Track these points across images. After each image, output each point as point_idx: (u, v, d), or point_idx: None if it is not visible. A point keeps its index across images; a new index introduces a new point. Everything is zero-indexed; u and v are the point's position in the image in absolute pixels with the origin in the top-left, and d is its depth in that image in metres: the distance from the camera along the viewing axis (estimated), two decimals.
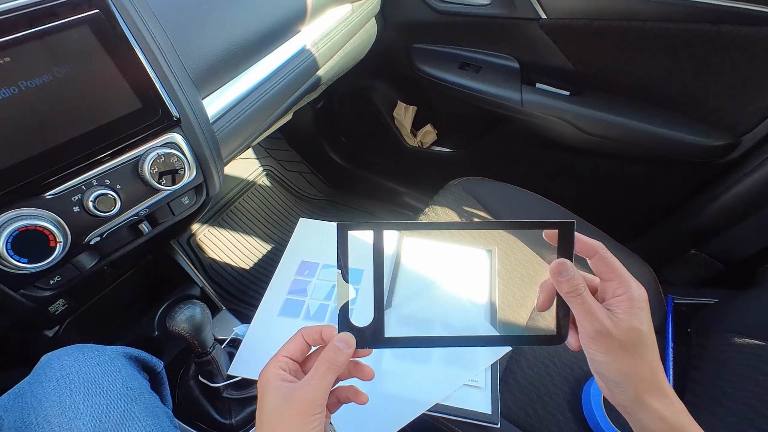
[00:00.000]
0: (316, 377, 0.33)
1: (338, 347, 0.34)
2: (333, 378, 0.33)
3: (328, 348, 0.34)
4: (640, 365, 0.35)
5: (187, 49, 0.56)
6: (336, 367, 0.34)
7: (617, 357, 0.35)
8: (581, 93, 0.93)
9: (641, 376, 0.35)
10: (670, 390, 0.37)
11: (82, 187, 0.47)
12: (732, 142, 0.83)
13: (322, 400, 0.33)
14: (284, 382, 0.34)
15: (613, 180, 1.04)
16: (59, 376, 0.42)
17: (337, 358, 0.34)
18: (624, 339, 0.35)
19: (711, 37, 0.76)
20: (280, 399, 0.32)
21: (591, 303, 0.36)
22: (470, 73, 1.01)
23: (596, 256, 0.38)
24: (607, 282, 0.38)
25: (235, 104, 0.63)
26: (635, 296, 0.36)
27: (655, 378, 0.36)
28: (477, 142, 1.19)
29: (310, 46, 0.76)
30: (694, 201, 0.94)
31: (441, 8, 0.98)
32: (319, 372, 0.33)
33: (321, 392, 0.33)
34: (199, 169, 0.56)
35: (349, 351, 0.34)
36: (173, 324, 0.55)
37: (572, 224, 0.36)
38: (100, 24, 0.46)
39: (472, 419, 0.61)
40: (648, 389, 0.35)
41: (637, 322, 0.35)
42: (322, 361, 0.34)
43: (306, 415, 0.32)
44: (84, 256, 0.52)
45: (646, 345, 0.36)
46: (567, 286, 0.36)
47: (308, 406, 0.32)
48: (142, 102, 0.49)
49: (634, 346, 0.35)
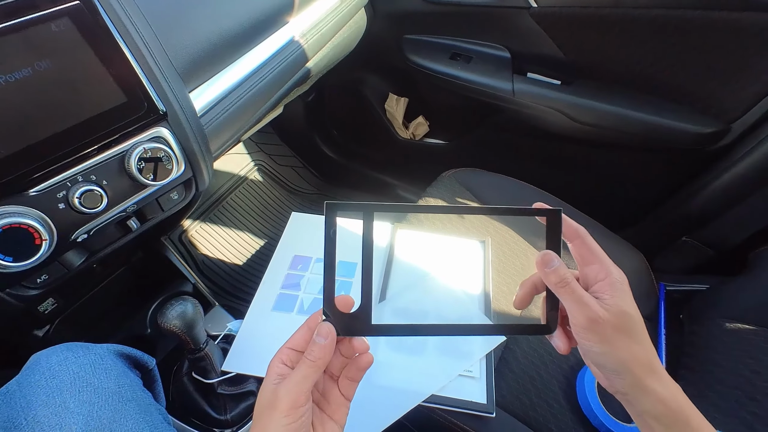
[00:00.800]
0: (298, 376, 0.33)
1: (316, 343, 0.34)
2: (310, 374, 0.33)
3: (309, 344, 0.34)
4: (636, 349, 0.35)
5: (173, 41, 0.55)
6: (313, 362, 0.33)
7: (613, 344, 0.35)
8: (572, 82, 0.93)
9: (639, 360, 0.35)
10: (665, 372, 0.37)
11: (68, 184, 0.46)
12: (722, 128, 0.83)
13: (305, 398, 0.33)
14: (279, 375, 0.34)
15: (605, 169, 1.04)
16: (48, 375, 0.42)
17: (312, 354, 0.33)
18: (616, 323, 0.35)
19: (700, 23, 0.76)
20: (270, 393, 0.33)
21: (580, 292, 0.36)
22: (461, 64, 1.00)
23: (578, 240, 0.38)
24: (587, 267, 0.38)
25: (223, 97, 0.62)
26: (616, 279, 0.36)
27: (651, 361, 0.36)
28: (469, 133, 1.18)
29: (298, 38, 0.75)
30: (685, 188, 0.94)
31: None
32: (301, 369, 0.33)
33: (303, 391, 0.32)
34: (187, 164, 0.55)
35: (328, 342, 0.34)
36: (165, 321, 0.54)
37: (559, 211, 0.36)
38: (82, 16, 0.45)
39: (467, 409, 0.61)
40: (647, 373, 0.35)
41: (624, 304, 0.36)
42: (304, 359, 0.33)
43: (289, 411, 0.32)
44: (71, 254, 0.51)
45: (637, 327, 0.36)
46: (554, 277, 0.36)
47: (292, 404, 0.32)
48: (127, 96, 0.48)
49: (627, 330, 0.35)
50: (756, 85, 0.78)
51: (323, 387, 0.38)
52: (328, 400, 0.37)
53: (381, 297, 0.73)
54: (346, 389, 0.37)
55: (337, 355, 0.37)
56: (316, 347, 0.34)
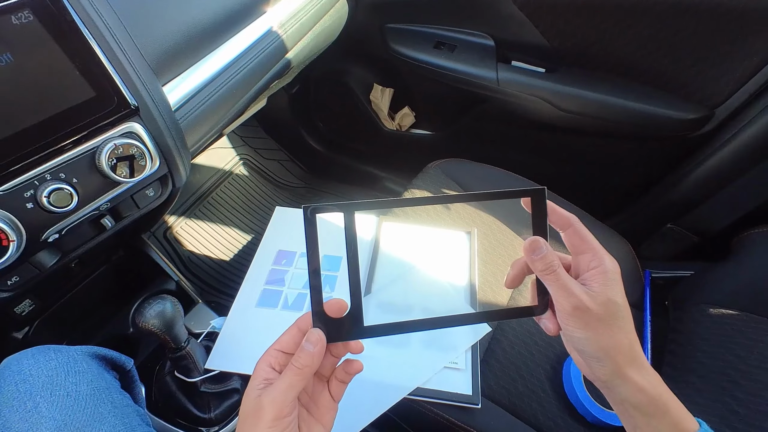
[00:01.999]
0: (283, 384, 0.32)
1: (305, 349, 0.33)
2: (300, 381, 0.32)
3: (297, 351, 0.33)
4: (619, 338, 0.35)
5: (143, 32, 0.53)
6: (302, 371, 0.32)
7: (596, 331, 0.35)
8: (556, 70, 0.92)
9: (620, 348, 0.35)
10: (646, 361, 0.37)
11: (35, 182, 0.44)
12: (705, 115, 0.83)
13: (290, 408, 0.32)
14: (265, 380, 0.33)
15: (590, 157, 1.04)
16: (18, 379, 0.40)
17: (302, 362, 0.32)
18: (602, 312, 0.35)
19: (683, 9, 0.76)
20: (254, 399, 0.32)
21: (566, 279, 0.36)
22: (445, 53, 0.99)
23: (570, 229, 0.38)
24: (580, 255, 0.38)
25: (198, 90, 0.60)
26: (609, 268, 0.36)
27: (633, 350, 0.36)
28: (455, 123, 1.18)
29: (276, 28, 0.73)
30: (670, 175, 0.95)
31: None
32: (287, 378, 0.32)
33: (288, 401, 0.32)
34: (162, 160, 0.54)
35: (317, 349, 0.33)
36: (143, 320, 0.53)
37: (543, 191, 0.36)
38: (44, 8, 0.44)
39: (453, 401, 0.61)
40: (628, 362, 0.36)
41: (613, 294, 0.36)
42: (291, 366, 0.33)
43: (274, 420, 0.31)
44: (43, 254, 0.50)
45: (623, 317, 0.36)
46: (541, 264, 0.36)
47: (277, 412, 0.31)
48: (96, 90, 0.47)
49: (612, 319, 0.35)
50: (738, 71, 0.78)
51: (312, 389, 0.37)
52: (317, 403, 0.36)
53: (366, 291, 0.72)
54: (336, 391, 0.37)
55: (327, 356, 0.36)
56: (304, 354, 0.33)
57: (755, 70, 0.76)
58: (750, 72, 0.77)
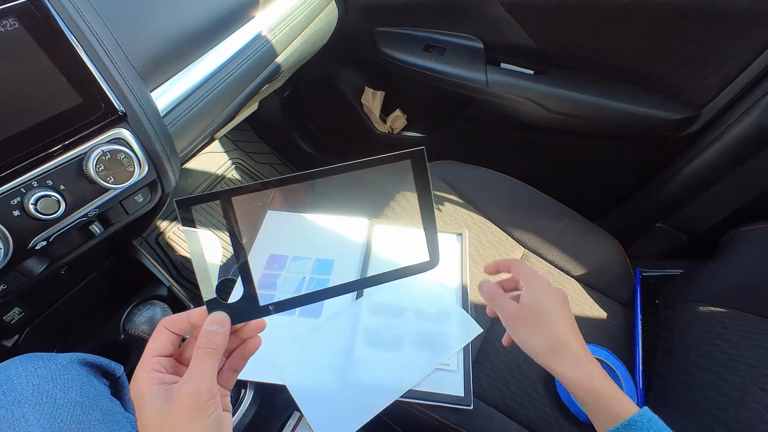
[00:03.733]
0: (195, 368, 0.31)
1: (211, 330, 0.33)
2: (214, 363, 0.32)
3: (201, 335, 0.33)
4: (540, 337, 0.47)
5: (130, 39, 0.53)
6: (214, 350, 0.32)
7: (526, 334, 0.48)
8: (545, 71, 0.93)
9: (540, 346, 0.47)
10: (579, 356, 0.45)
11: (22, 190, 0.44)
12: (691, 114, 0.84)
13: (209, 387, 0.31)
14: (162, 384, 0.31)
15: (579, 158, 1.05)
16: (6, 388, 0.40)
17: (213, 342, 0.32)
18: (525, 317, 0.48)
19: (669, 9, 0.76)
20: (160, 403, 0.30)
21: (501, 300, 0.50)
22: (435, 55, 0.99)
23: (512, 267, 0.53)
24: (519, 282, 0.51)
25: (186, 96, 0.60)
26: (534, 285, 0.49)
27: (556, 346, 0.46)
28: (446, 125, 1.18)
29: (265, 33, 0.73)
30: (658, 175, 0.95)
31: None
32: (198, 362, 0.31)
33: (206, 381, 0.31)
34: (151, 165, 0.54)
35: (224, 330, 0.33)
36: (132, 326, 0.53)
37: (422, 151, 0.36)
38: (30, 15, 0.43)
39: (445, 403, 0.61)
40: (550, 357, 0.46)
41: (536, 302, 0.48)
42: (198, 350, 0.32)
43: (195, 409, 0.30)
44: (31, 262, 0.50)
45: (547, 320, 0.47)
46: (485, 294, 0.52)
47: (195, 399, 0.30)
48: (83, 97, 0.47)
49: (533, 321, 0.47)
50: (723, 70, 0.79)
51: None
52: None
53: (359, 294, 0.73)
54: (227, 381, 0.37)
55: None
56: (212, 334, 0.32)
57: (740, 70, 0.77)
58: (735, 72, 0.78)
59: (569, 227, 0.89)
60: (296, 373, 0.62)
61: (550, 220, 0.89)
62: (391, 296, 0.73)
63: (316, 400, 0.60)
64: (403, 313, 0.71)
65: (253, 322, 0.36)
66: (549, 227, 0.88)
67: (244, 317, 0.35)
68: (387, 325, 0.69)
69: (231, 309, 0.35)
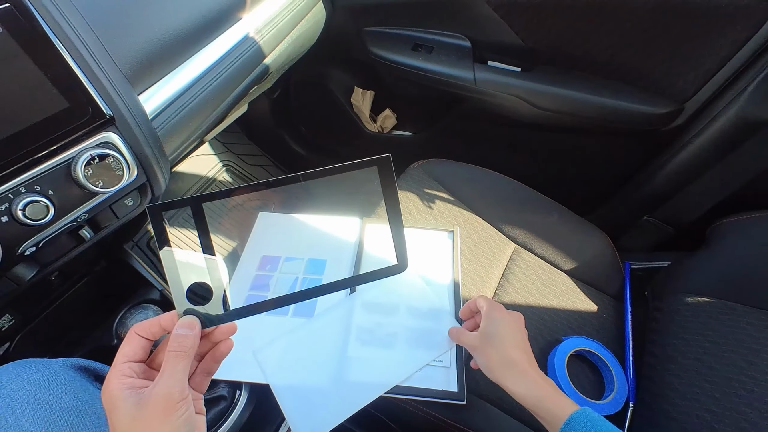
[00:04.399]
0: (166, 372, 0.32)
1: (182, 333, 0.33)
2: (185, 365, 0.32)
3: (171, 338, 0.33)
4: (488, 355, 0.55)
5: (116, 42, 0.53)
6: (184, 353, 0.32)
7: (478, 354, 0.57)
8: (532, 69, 0.94)
9: (492, 366, 0.55)
10: (531, 371, 0.53)
11: (9, 195, 0.44)
12: (675, 109, 0.85)
13: (181, 390, 0.31)
14: (133, 389, 0.32)
15: (568, 154, 1.06)
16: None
17: (183, 345, 0.33)
18: (481, 344, 0.57)
19: (652, 7, 0.78)
20: (132, 407, 0.30)
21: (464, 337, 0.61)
22: (423, 54, 1.00)
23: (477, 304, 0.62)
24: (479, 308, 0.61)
25: (175, 99, 0.60)
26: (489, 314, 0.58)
27: (504, 364, 0.54)
28: (436, 123, 1.19)
29: (253, 34, 0.73)
30: (645, 169, 0.97)
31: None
32: (169, 364, 0.32)
33: (177, 383, 0.31)
34: (140, 169, 0.54)
35: (194, 333, 0.33)
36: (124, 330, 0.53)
37: (388, 158, 0.37)
38: (14, 19, 0.43)
39: (439, 398, 0.62)
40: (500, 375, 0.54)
41: (487, 328, 0.57)
42: (168, 354, 0.32)
43: (166, 410, 0.30)
44: (20, 268, 0.49)
45: (498, 342, 0.55)
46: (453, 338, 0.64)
47: (166, 402, 0.30)
48: (69, 101, 0.46)
49: (487, 344, 0.56)
50: (705, 65, 0.80)
51: None
52: None
53: (351, 290, 0.73)
54: (200, 384, 0.37)
55: None
56: (183, 338, 0.33)
57: (721, 64, 0.79)
58: (716, 66, 0.79)
59: (559, 222, 0.91)
60: (282, 371, 0.62)
61: (540, 215, 0.90)
62: (384, 294, 0.73)
63: (298, 396, 0.60)
64: (396, 311, 0.71)
65: (224, 326, 0.37)
66: (539, 223, 0.89)
67: (215, 321, 0.35)
68: (380, 323, 0.69)
69: (202, 312, 0.35)
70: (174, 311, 0.35)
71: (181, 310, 0.35)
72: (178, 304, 0.35)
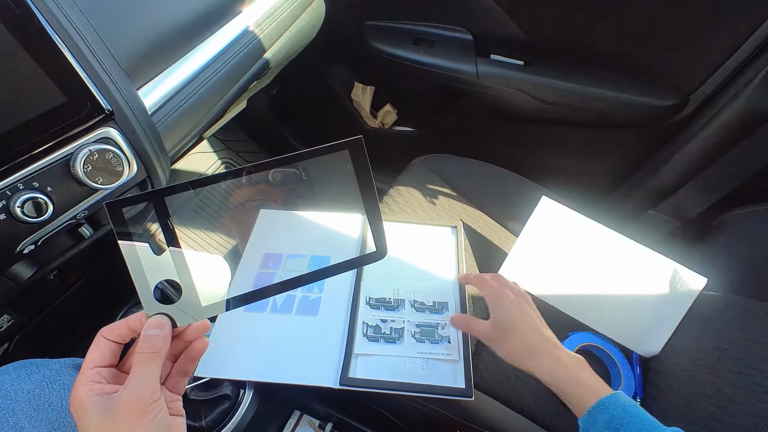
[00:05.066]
0: (135, 374, 0.30)
1: (151, 334, 0.32)
2: (156, 366, 0.31)
3: (140, 340, 0.32)
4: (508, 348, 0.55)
5: (114, 35, 0.51)
6: (154, 354, 0.31)
7: (496, 346, 0.56)
8: (535, 62, 0.93)
9: (512, 355, 0.54)
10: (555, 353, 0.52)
11: (7, 192, 0.43)
12: (681, 101, 0.85)
13: (152, 392, 0.30)
14: (102, 395, 0.30)
15: (571, 147, 1.05)
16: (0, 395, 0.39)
17: (153, 345, 0.31)
18: (494, 332, 0.57)
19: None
20: (101, 413, 0.29)
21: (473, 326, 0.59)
22: (425, 48, 0.99)
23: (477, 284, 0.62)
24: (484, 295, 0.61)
25: (175, 93, 0.59)
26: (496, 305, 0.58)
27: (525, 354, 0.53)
28: (437, 118, 1.18)
29: (253, 28, 0.72)
30: (649, 162, 0.96)
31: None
32: (138, 367, 0.31)
33: (147, 386, 0.30)
34: (140, 165, 0.53)
35: (164, 333, 0.32)
36: None
37: (360, 139, 0.36)
38: (9, 12, 0.42)
39: (447, 395, 0.61)
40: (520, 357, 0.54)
41: (502, 320, 0.56)
42: (138, 356, 0.31)
43: (137, 413, 0.29)
44: (19, 267, 0.49)
45: (513, 334, 0.55)
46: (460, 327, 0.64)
47: (137, 404, 0.29)
48: (67, 95, 0.45)
49: (503, 337, 0.55)
50: (710, 56, 0.79)
51: None
52: None
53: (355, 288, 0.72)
54: (176, 385, 0.36)
55: None
56: (152, 338, 0.31)
57: (727, 56, 0.78)
58: (722, 57, 0.79)
59: None
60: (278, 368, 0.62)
61: None
62: (388, 290, 0.72)
63: None
64: (402, 307, 0.71)
65: (196, 324, 0.35)
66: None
67: (185, 319, 0.34)
68: (386, 319, 0.68)
69: (171, 311, 0.33)
70: (142, 312, 0.33)
71: (150, 311, 0.33)
72: (146, 304, 0.33)
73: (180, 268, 0.34)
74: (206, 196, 1.32)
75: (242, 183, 1.24)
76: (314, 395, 0.70)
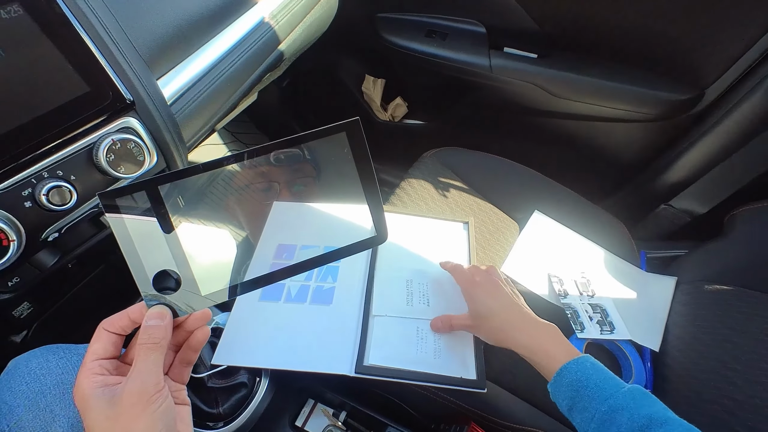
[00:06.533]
0: (138, 365, 0.31)
1: (152, 325, 0.32)
2: (158, 357, 0.31)
3: (141, 331, 0.32)
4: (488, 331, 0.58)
5: (135, 26, 0.52)
6: (156, 345, 0.31)
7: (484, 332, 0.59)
8: (549, 55, 0.92)
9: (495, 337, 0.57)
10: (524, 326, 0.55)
11: (32, 180, 0.43)
12: (696, 95, 0.84)
13: (155, 381, 0.30)
14: (106, 387, 0.30)
15: (583, 140, 1.05)
16: (29, 379, 0.40)
17: (154, 336, 0.31)
18: (475, 324, 0.60)
19: None
20: (106, 405, 0.29)
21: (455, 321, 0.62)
22: (437, 41, 0.98)
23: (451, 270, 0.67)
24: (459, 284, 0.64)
25: (192, 84, 0.59)
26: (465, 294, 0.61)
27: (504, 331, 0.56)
28: (449, 111, 1.18)
29: (268, 19, 0.72)
30: (663, 156, 0.96)
31: None
32: (141, 357, 0.31)
33: (150, 376, 0.30)
34: (160, 155, 0.53)
35: (165, 323, 0.32)
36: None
37: (357, 121, 0.36)
38: (34, 1, 0.43)
39: (459, 386, 0.61)
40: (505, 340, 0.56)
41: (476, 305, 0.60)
42: (139, 347, 0.31)
43: (142, 404, 0.29)
44: (43, 254, 0.49)
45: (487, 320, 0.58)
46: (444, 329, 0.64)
47: (141, 395, 0.29)
48: (90, 85, 0.46)
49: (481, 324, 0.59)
50: (728, 50, 0.79)
51: None
52: None
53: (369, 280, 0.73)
54: (180, 375, 0.36)
55: None
56: (153, 329, 0.31)
57: (744, 50, 0.78)
58: (739, 51, 0.78)
59: (574, 211, 0.90)
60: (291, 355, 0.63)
61: (555, 204, 0.90)
62: (402, 285, 0.73)
63: None
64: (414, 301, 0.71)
65: (197, 313, 0.35)
66: (554, 211, 0.88)
67: (186, 309, 0.34)
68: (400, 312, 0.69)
69: (172, 301, 0.33)
70: (142, 302, 0.33)
71: (150, 301, 0.33)
72: (145, 294, 0.33)
73: (179, 258, 0.33)
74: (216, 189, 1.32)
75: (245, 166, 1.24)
76: (328, 384, 0.71)
